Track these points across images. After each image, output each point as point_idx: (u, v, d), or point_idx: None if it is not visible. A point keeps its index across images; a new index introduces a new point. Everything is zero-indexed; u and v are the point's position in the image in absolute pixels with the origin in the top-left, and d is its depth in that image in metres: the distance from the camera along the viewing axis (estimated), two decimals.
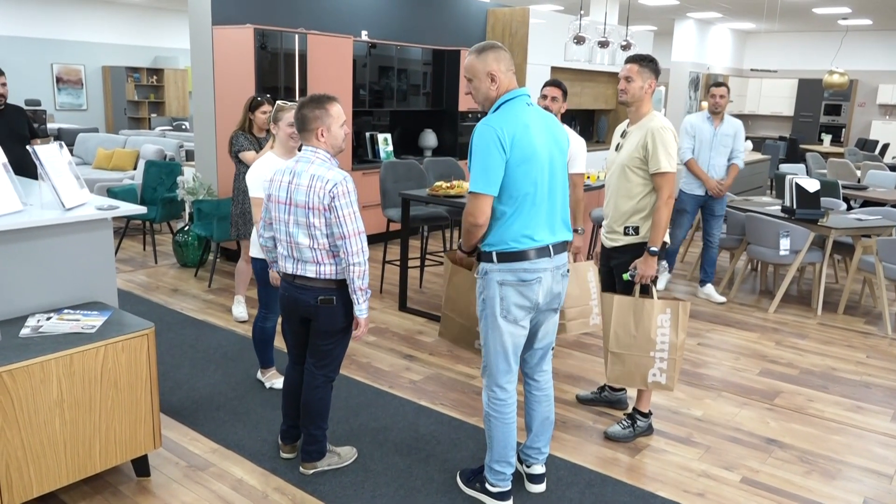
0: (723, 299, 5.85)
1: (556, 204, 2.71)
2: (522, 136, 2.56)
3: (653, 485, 3.11)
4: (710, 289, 5.96)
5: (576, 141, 4.17)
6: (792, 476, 3.24)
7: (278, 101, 3.56)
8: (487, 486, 2.87)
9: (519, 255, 2.63)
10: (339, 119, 2.81)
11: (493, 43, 2.67)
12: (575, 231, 4.14)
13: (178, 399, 3.74)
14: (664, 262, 3.37)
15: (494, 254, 2.65)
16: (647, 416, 3.53)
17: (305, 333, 3.01)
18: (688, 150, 5.74)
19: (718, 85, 5.67)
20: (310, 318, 2.90)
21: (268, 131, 4.90)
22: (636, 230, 3.33)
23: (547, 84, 4.14)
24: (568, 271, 2.81)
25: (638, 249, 3.31)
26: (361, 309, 2.80)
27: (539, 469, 2.99)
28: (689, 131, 5.77)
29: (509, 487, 2.86)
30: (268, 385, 3.88)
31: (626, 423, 3.51)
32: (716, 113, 5.69)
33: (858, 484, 3.20)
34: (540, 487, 3.00)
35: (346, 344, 2.98)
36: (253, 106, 4.78)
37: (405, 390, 3.97)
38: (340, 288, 2.83)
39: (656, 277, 3.31)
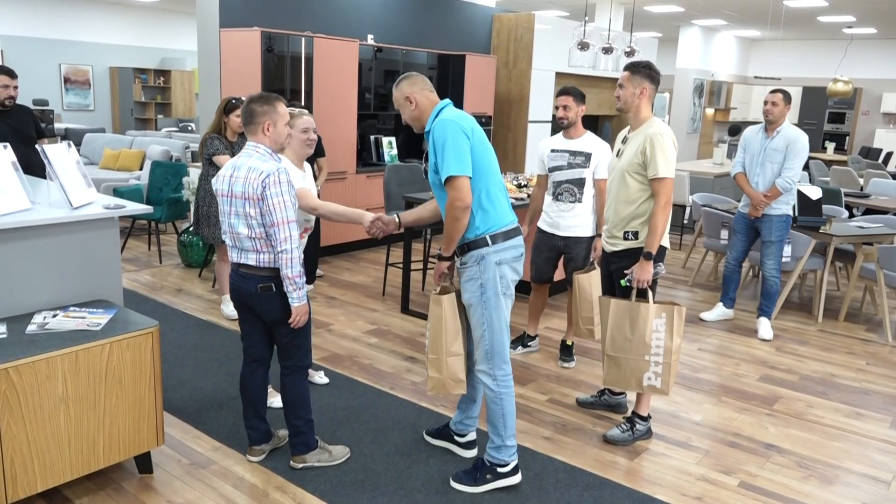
0: (768, 337, 5.16)
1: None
2: (474, 127, 2.84)
3: (651, 488, 3.13)
4: (762, 323, 5.27)
5: (602, 147, 4.21)
6: (790, 481, 3.25)
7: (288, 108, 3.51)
8: (499, 469, 2.98)
9: (509, 234, 2.88)
10: (284, 117, 2.91)
11: (407, 74, 2.96)
12: (598, 235, 4.20)
13: (181, 397, 3.77)
14: (661, 266, 3.38)
15: (488, 237, 2.84)
16: (646, 419, 3.55)
17: (256, 326, 3.05)
18: (737, 163, 5.25)
19: (773, 91, 5.00)
20: (253, 306, 2.96)
21: (241, 135, 4.86)
22: (635, 235, 3.36)
23: (557, 94, 4.20)
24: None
25: (637, 254, 3.34)
26: (293, 297, 2.85)
27: (473, 435, 3.32)
28: (741, 144, 5.26)
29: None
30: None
31: (625, 427, 3.53)
32: (769, 122, 5.03)
33: (856, 490, 3.21)
34: (472, 452, 3.28)
35: (304, 332, 3.01)
36: (227, 109, 4.74)
37: (406, 392, 4.00)
38: (279, 276, 2.87)
39: (656, 281, 3.33)
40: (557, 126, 4.30)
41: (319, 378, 4.02)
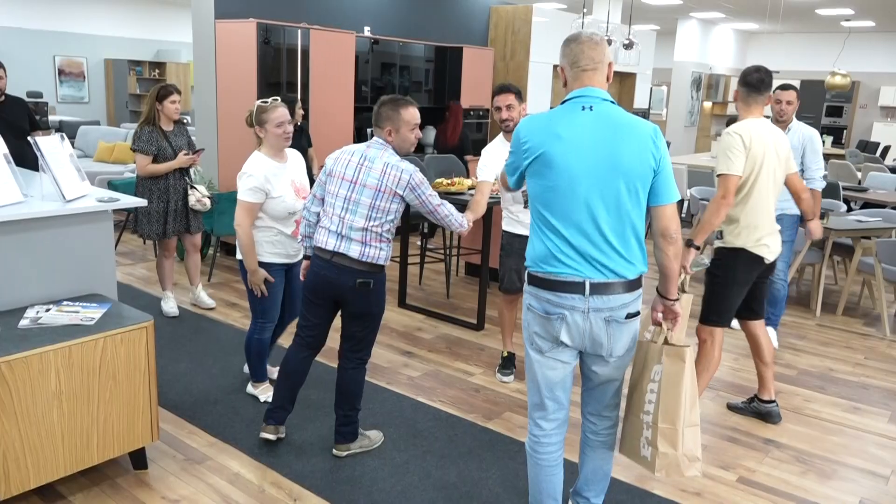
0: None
1: (608, 232, 2.22)
2: (542, 144, 2.23)
3: (650, 483, 3.11)
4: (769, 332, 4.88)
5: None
6: (788, 476, 3.24)
7: (258, 102, 3.28)
8: None
9: (544, 282, 2.29)
10: (409, 123, 2.96)
11: (574, 34, 2.33)
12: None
13: (176, 392, 3.75)
14: (702, 256, 3.27)
15: (527, 272, 2.38)
16: (769, 403, 3.71)
17: (329, 317, 3.07)
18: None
19: (786, 88, 4.53)
20: (340, 301, 2.97)
21: (176, 122, 4.67)
22: (720, 234, 3.49)
23: (496, 92, 3.84)
24: (630, 315, 2.29)
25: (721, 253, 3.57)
26: (462, 224, 3.16)
27: None
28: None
29: None
30: (262, 399, 3.66)
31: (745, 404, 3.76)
32: (781, 122, 4.53)
33: (855, 484, 3.20)
34: None
35: (378, 326, 3.09)
36: (161, 95, 4.49)
37: (403, 386, 3.98)
38: (378, 272, 2.94)
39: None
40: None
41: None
